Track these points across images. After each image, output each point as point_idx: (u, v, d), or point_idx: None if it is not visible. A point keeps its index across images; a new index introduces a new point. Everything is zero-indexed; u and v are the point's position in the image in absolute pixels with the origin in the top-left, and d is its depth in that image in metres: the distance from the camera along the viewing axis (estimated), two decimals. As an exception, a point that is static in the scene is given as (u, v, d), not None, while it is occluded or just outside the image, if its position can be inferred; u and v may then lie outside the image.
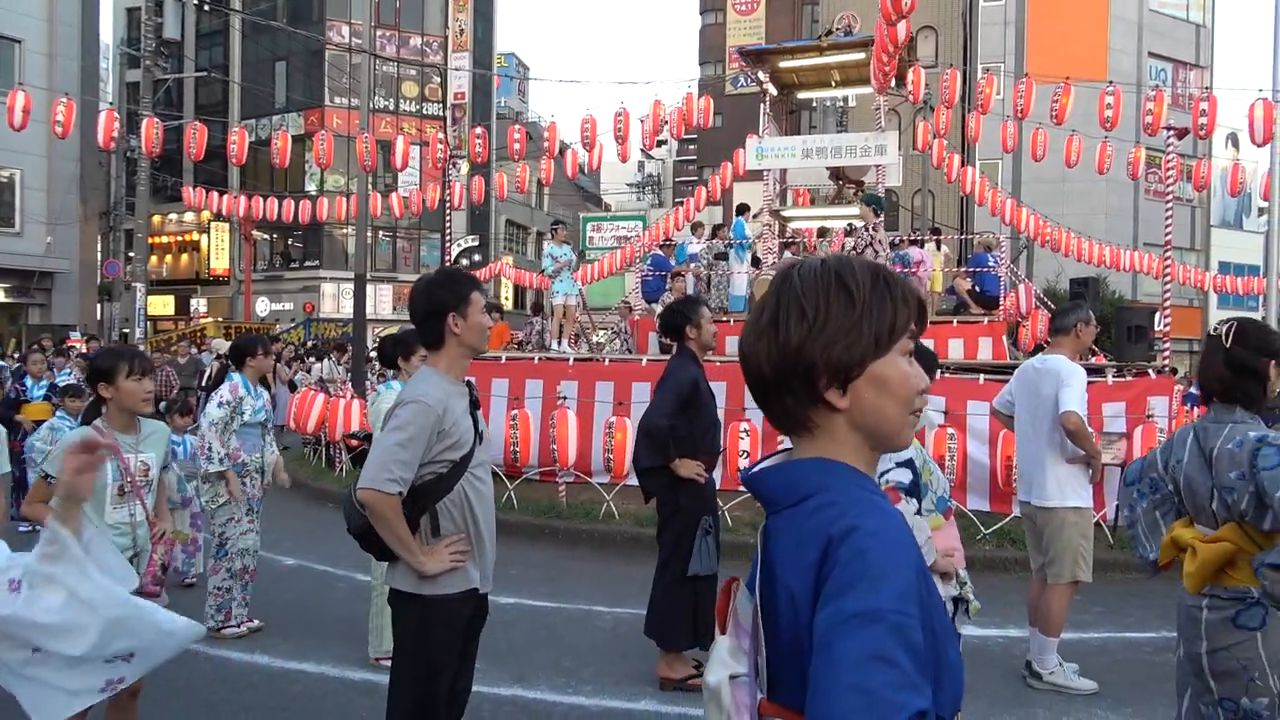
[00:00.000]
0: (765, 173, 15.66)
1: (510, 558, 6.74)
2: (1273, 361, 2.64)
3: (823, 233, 15.63)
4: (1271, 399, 2.69)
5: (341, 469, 11.01)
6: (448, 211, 12.59)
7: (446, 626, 2.87)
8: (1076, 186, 25.26)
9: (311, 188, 32.98)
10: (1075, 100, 12.60)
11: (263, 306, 35.44)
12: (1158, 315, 8.99)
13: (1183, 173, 20.60)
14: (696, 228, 15.01)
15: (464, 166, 26.68)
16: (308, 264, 37.19)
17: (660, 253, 14.57)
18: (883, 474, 3.00)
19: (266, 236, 36.97)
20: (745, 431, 8.28)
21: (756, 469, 1.29)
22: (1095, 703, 4.56)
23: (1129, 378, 8.56)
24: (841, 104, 21.62)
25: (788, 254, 14.21)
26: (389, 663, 4.99)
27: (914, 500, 3.01)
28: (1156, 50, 30.34)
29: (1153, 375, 8.49)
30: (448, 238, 13.24)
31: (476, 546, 2.90)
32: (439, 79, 38.50)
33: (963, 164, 17.19)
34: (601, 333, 17.40)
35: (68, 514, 2.02)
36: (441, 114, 38.08)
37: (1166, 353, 8.76)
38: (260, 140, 26.89)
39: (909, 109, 20.97)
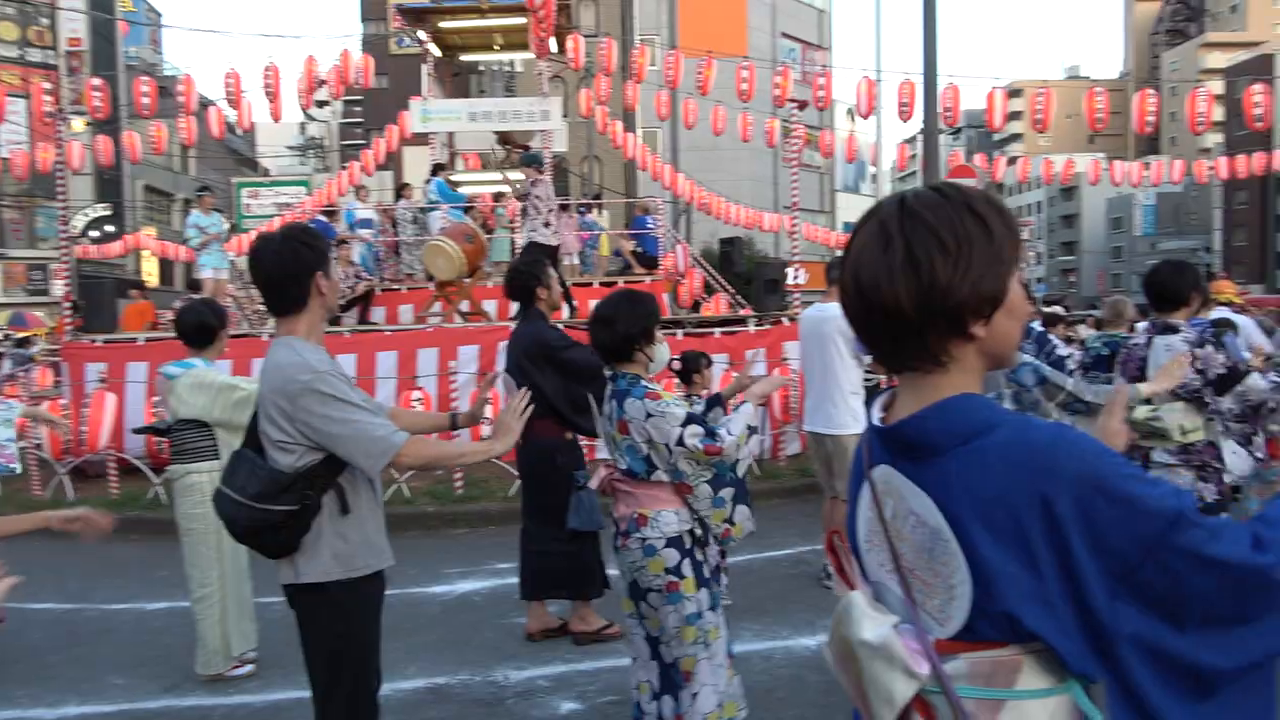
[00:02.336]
0: (431, 136, 15.33)
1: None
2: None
3: (498, 196, 15.64)
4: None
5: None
6: (59, 175, 10.91)
7: (370, 607, 2.71)
8: (726, 154, 27.48)
9: (-122, 146, 27.05)
10: (721, 73, 13.64)
11: None
12: (790, 270, 10.09)
13: (811, 142, 23.13)
14: (360, 191, 14.36)
15: (77, 123, 23.26)
16: (-119, 239, 30.61)
17: (324, 219, 13.77)
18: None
19: None
20: (418, 400, 8.13)
21: (898, 419, 1.27)
22: (741, 616, 5.07)
23: (767, 326, 9.54)
24: (509, 68, 21.64)
25: (466, 218, 14.08)
26: (236, 671, 4.50)
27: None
28: (788, 31, 33.67)
29: (786, 323, 9.54)
30: (65, 205, 11.49)
31: (382, 520, 2.77)
32: (47, 21, 33.09)
33: (625, 131, 17.98)
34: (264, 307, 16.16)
35: None
36: (53, 63, 32.83)
37: (798, 303, 9.89)
38: None
39: (574, 76, 21.49)
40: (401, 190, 14.09)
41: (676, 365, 5.46)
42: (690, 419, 3.08)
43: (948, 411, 1.22)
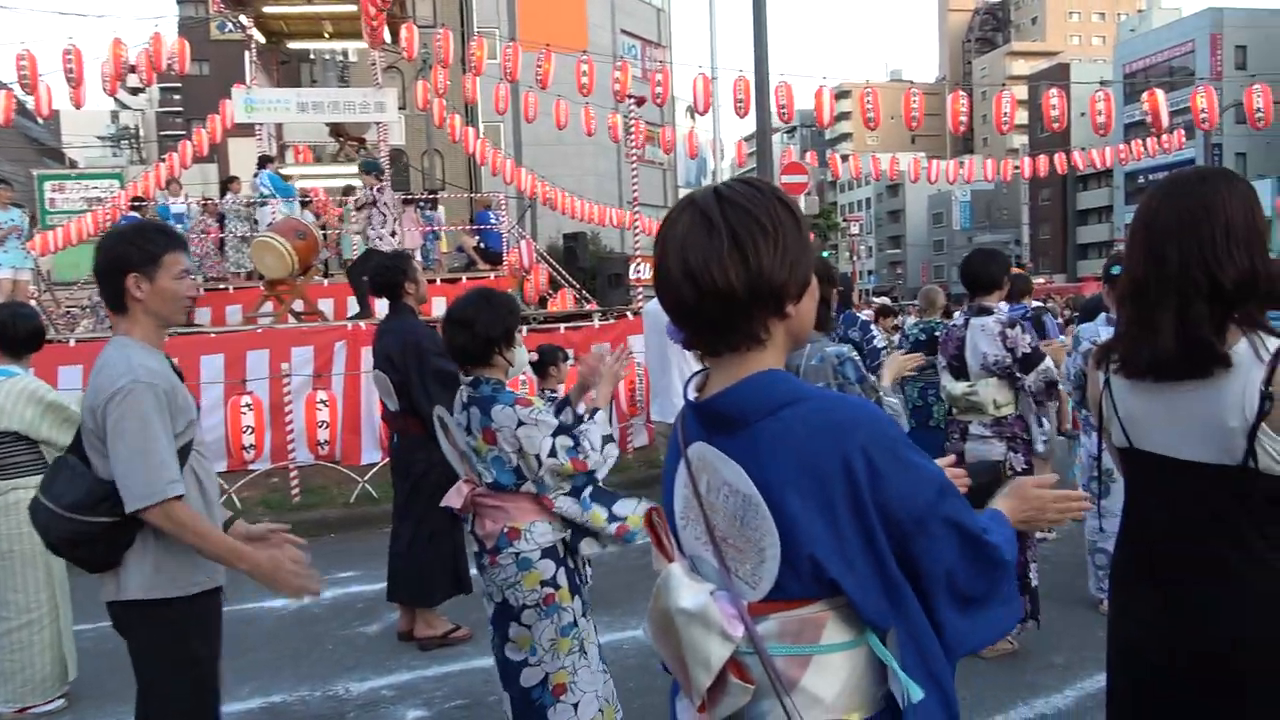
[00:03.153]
0: (258, 127, 14.59)
1: None
2: (835, 289, 3.27)
3: (348, 190, 15.06)
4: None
5: None
6: None
7: (203, 625, 2.51)
8: (570, 149, 27.49)
9: None
10: (562, 69, 13.60)
11: None
12: (633, 265, 10.20)
13: (652, 139, 23.44)
14: (171, 185, 13.47)
15: None
16: None
17: (135, 214, 12.83)
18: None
19: None
20: (247, 406, 7.70)
21: (709, 395, 1.34)
22: (591, 609, 5.08)
23: (612, 320, 9.62)
24: (342, 58, 20.78)
25: (307, 213, 13.50)
26: (45, 706, 4.07)
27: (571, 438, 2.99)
28: (627, 28, 34.03)
29: (630, 317, 9.65)
30: None
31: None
32: None
33: (465, 125, 17.66)
34: (77, 311, 14.93)
35: None
36: None
37: (640, 297, 10.02)
38: None
39: (410, 67, 20.91)
40: (228, 184, 13.33)
41: (533, 358, 5.45)
42: (561, 428, 2.96)
43: (758, 385, 1.31)
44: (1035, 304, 8.37)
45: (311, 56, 19.58)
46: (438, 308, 11.66)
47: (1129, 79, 47.47)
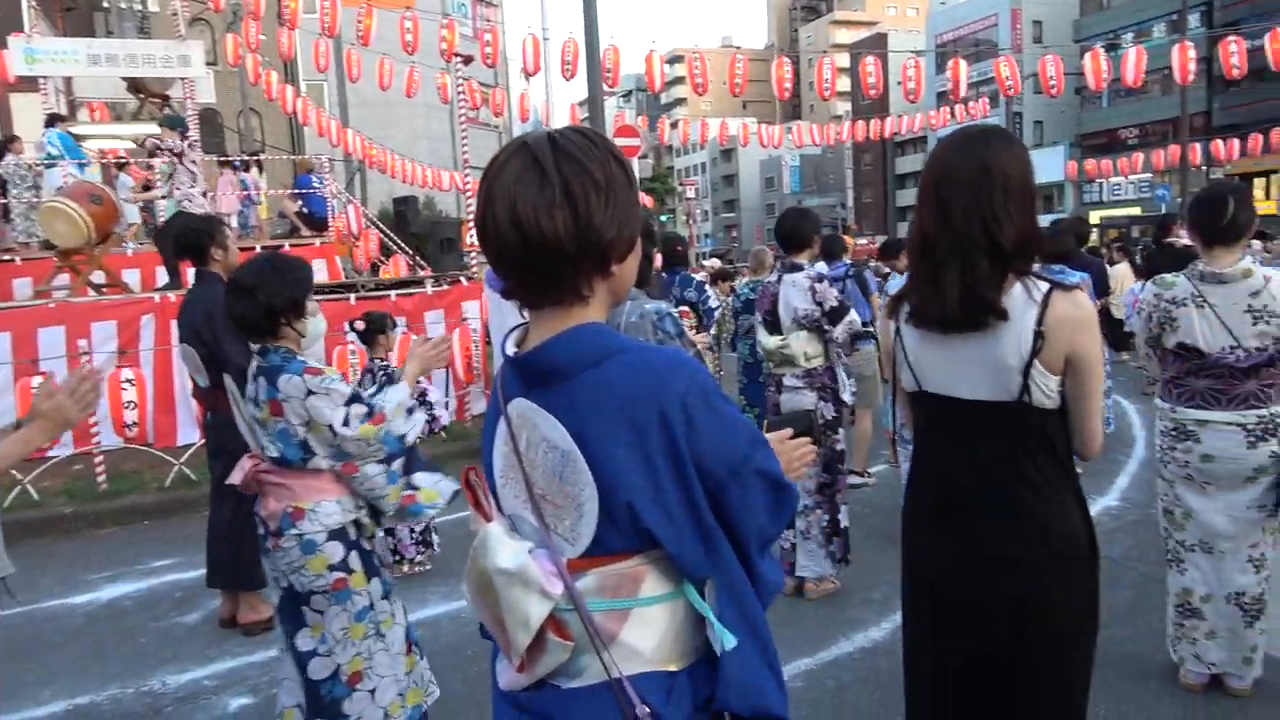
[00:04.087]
0: (43, 81, 13.24)
1: None
2: (656, 248, 3.20)
3: (143, 143, 13.90)
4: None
5: None
6: None
7: None
8: (399, 111, 26.47)
9: None
10: (389, 26, 13.01)
11: None
12: (466, 230, 9.95)
13: (485, 100, 22.88)
14: (-62, 146, 12.07)
15: None
16: None
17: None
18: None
19: None
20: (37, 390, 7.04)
21: (529, 349, 1.31)
22: (430, 580, 5.02)
23: (446, 286, 9.39)
24: (141, 7, 19.16)
25: (125, 176, 12.41)
26: None
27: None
28: (456, -15, 32.93)
29: (465, 283, 9.44)
30: None
31: None
32: None
33: (282, 82, 16.64)
34: None
35: None
36: None
37: (475, 263, 9.81)
38: None
39: (221, 19, 19.49)
40: (8, 143, 12.03)
41: (360, 326, 5.20)
42: (355, 397, 2.78)
43: (578, 338, 1.29)
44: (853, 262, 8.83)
45: (105, 5, 17.93)
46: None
47: (940, 49, 50.26)
